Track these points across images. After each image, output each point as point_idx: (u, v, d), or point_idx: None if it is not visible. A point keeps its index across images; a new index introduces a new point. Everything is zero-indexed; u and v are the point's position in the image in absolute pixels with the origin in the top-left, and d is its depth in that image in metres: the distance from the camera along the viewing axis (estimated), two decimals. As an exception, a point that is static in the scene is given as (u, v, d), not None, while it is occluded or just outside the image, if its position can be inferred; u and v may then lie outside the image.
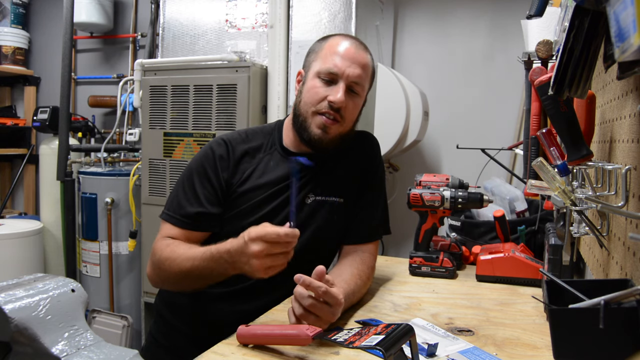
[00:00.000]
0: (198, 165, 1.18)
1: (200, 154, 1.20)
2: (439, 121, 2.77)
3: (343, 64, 1.13)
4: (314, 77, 1.15)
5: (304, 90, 1.17)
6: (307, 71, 1.19)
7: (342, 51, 1.14)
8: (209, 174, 1.16)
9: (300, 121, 1.16)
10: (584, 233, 0.96)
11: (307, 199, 1.19)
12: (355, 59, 1.14)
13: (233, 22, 2.32)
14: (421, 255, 1.39)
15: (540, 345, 0.92)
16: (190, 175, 1.18)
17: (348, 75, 1.13)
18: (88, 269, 2.70)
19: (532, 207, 1.77)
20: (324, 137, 1.15)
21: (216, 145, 1.19)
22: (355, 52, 1.15)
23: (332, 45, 1.16)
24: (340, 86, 1.12)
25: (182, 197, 1.16)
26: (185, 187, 1.17)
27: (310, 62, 1.19)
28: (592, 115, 1.04)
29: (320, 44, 1.20)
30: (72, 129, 3.10)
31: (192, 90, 2.17)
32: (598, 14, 0.67)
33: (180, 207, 1.15)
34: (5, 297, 0.66)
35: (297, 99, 1.20)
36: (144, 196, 2.34)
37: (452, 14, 2.78)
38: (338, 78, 1.13)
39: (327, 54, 1.15)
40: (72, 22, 2.58)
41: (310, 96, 1.14)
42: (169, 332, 1.23)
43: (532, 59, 1.42)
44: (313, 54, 1.19)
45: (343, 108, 1.13)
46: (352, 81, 1.14)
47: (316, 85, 1.14)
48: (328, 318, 0.92)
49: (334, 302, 0.91)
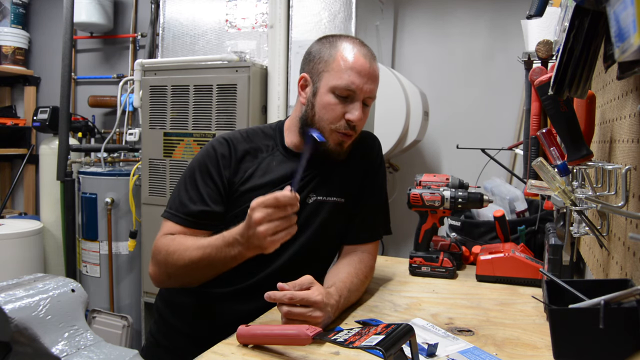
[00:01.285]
0: (200, 164, 1.18)
1: (202, 153, 1.20)
2: (439, 121, 2.77)
3: (360, 81, 1.11)
4: (327, 92, 1.13)
5: (317, 103, 1.14)
6: (318, 81, 1.15)
7: (358, 67, 1.11)
8: (212, 172, 1.16)
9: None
10: (584, 233, 0.96)
11: (308, 199, 1.19)
12: (371, 73, 1.13)
13: (233, 22, 2.32)
14: (421, 255, 1.39)
15: (540, 345, 0.92)
16: (193, 174, 1.17)
17: (365, 92, 1.12)
18: (88, 269, 2.71)
19: (532, 207, 1.77)
20: (341, 151, 1.17)
21: (218, 144, 1.19)
22: (370, 67, 1.13)
23: (345, 58, 1.12)
24: (358, 104, 1.12)
25: (185, 196, 1.16)
26: (188, 186, 1.17)
27: (319, 71, 1.15)
28: (592, 115, 1.04)
29: (328, 51, 1.15)
30: (72, 129, 3.10)
31: (192, 90, 2.17)
32: (598, 14, 0.67)
33: (183, 206, 1.15)
34: (5, 297, 0.66)
35: (308, 110, 1.16)
36: (144, 196, 2.34)
37: (452, 14, 2.78)
38: (355, 95, 1.12)
39: (341, 68, 1.11)
40: (72, 22, 2.58)
41: (327, 113, 1.13)
42: (169, 332, 1.23)
43: (532, 59, 1.42)
44: (322, 62, 1.15)
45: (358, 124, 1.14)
46: (367, 97, 1.14)
47: (332, 101, 1.12)
48: (312, 319, 0.93)
49: (308, 303, 0.93)
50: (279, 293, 0.94)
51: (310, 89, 1.17)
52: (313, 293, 0.94)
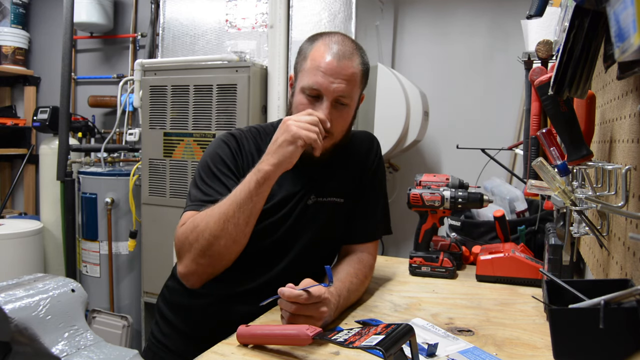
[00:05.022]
0: (215, 158, 1.16)
1: (214, 147, 1.18)
2: (439, 121, 2.77)
3: (325, 80, 1.08)
4: (299, 92, 1.13)
5: (293, 103, 1.15)
6: (296, 81, 1.16)
7: (324, 66, 1.09)
8: (229, 164, 1.15)
9: None
10: (584, 233, 0.96)
11: (308, 200, 1.19)
12: (339, 73, 1.09)
13: (233, 22, 2.32)
14: (421, 255, 1.39)
15: (540, 345, 0.92)
16: (209, 168, 1.15)
17: (332, 91, 1.10)
18: (88, 269, 2.71)
19: (532, 207, 1.77)
20: (313, 153, 1.09)
21: (228, 139, 1.19)
22: (338, 65, 1.09)
23: (314, 57, 1.11)
24: (325, 104, 1.09)
25: (206, 188, 1.13)
26: (207, 179, 1.14)
27: (298, 70, 1.16)
28: (592, 115, 1.04)
29: (305, 51, 1.15)
30: (72, 129, 3.10)
31: (192, 90, 2.17)
32: (598, 14, 0.67)
33: (207, 196, 1.11)
34: (5, 297, 0.66)
35: (288, 110, 1.18)
36: (144, 196, 2.34)
37: (452, 14, 2.78)
38: (322, 95, 1.10)
39: (311, 67, 1.11)
40: (72, 22, 2.58)
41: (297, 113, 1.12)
42: (170, 332, 1.23)
43: (532, 59, 1.42)
44: (299, 62, 1.16)
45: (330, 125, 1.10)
46: (337, 96, 1.11)
47: (303, 102, 1.12)
48: (319, 314, 0.93)
49: (317, 300, 0.93)
50: (295, 292, 0.92)
51: (293, 89, 1.18)
52: (322, 289, 0.95)
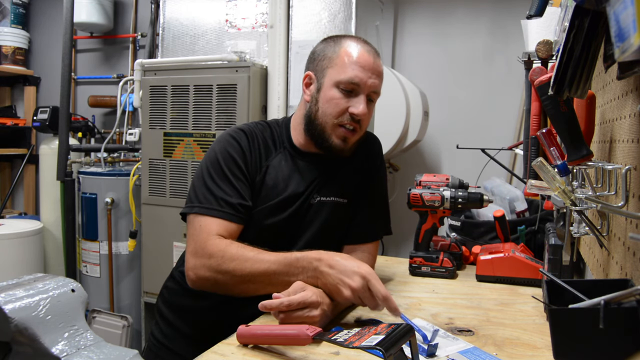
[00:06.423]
0: (225, 156, 1.15)
1: (223, 144, 1.17)
2: (439, 121, 2.77)
3: (364, 74, 1.11)
4: (332, 87, 1.13)
5: (320, 99, 1.15)
6: (322, 78, 1.16)
7: (362, 61, 1.12)
8: (240, 164, 1.14)
9: (319, 130, 1.15)
10: (584, 233, 0.96)
11: (312, 200, 1.20)
12: (375, 69, 1.13)
13: (233, 22, 2.32)
14: (421, 255, 1.39)
15: (540, 345, 0.92)
16: (220, 167, 1.14)
17: (369, 86, 1.13)
18: (88, 269, 2.71)
19: (532, 207, 1.77)
20: (345, 147, 1.16)
21: (238, 135, 1.18)
22: (374, 62, 1.14)
23: (348, 53, 1.13)
24: (362, 98, 1.12)
25: (217, 190, 1.11)
26: (217, 180, 1.12)
27: (323, 67, 1.16)
28: (592, 115, 1.04)
29: (332, 48, 1.16)
30: (72, 129, 3.10)
31: (192, 90, 2.17)
32: (598, 14, 0.67)
33: (221, 200, 1.10)
34: (5, 297, 0.66)
35: (312, 107, 1.16)
36: (144, 196, 2.34)
37: (452, 14, 2.78)
38: (359, 89, 1.12)
39: (344, 62, 1.12)
40: (72, 22, 2.58)
41: (330, 107, 1.13)
42: (170, 332, 1.23)
43: (532, 59, 1.42)
44: (326, 59, 1.16)
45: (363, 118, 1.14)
46: (372, 91, 1.14)
47: (336, 96, 1.13)
48: (309, 319, 0.93)
49: (305, 305, 0.93)
50: (275, 301, 0.92)
51: (314, 86, 1.18)
52: (307, 294, 0.95)
